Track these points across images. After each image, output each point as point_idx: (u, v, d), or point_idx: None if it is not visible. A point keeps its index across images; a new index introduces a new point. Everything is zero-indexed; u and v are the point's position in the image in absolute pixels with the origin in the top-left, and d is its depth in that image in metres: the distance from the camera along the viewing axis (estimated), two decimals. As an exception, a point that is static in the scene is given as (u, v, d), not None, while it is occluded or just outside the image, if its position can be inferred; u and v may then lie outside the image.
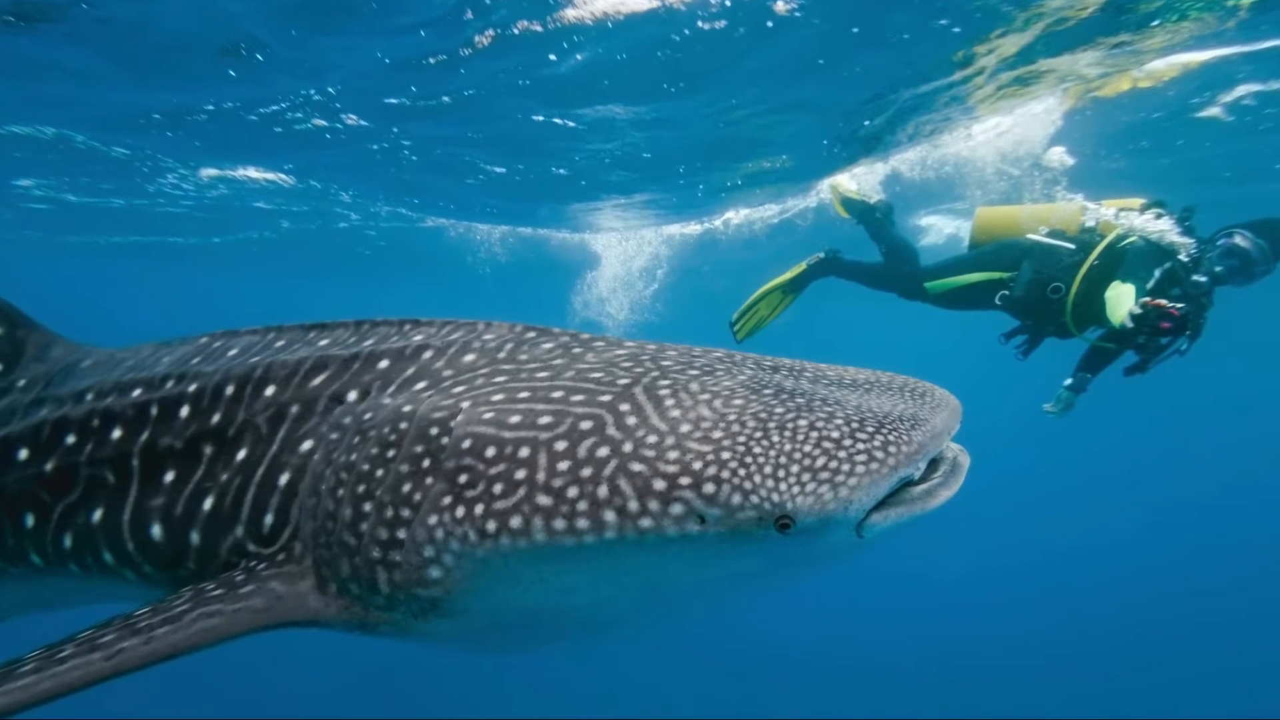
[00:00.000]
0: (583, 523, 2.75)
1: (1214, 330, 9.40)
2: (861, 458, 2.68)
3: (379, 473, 3.09)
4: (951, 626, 26.26)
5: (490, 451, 2.93)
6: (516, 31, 10.85)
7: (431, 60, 11.81)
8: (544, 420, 2.96)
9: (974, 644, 24.84)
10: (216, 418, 3.58)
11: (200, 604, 3.01)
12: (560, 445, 2.87)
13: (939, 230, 24.12)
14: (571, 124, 14.79)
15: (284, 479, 3.34)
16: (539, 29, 10.81)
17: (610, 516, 2.73)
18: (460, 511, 2.88)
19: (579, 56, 11.65)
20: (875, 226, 11.98)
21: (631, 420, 2.89)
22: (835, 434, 2.74)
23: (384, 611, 3.12)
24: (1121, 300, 8.92)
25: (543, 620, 3.22)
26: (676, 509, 2.68)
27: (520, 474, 2.85)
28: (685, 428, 2.82)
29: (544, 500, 2.79)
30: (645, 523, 2.71)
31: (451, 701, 19.24)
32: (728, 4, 10.31)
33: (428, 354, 3.50)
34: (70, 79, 12.29)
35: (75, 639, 2.91)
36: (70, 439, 3.80)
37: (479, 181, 19.16)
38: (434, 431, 3.07)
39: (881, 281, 11.81)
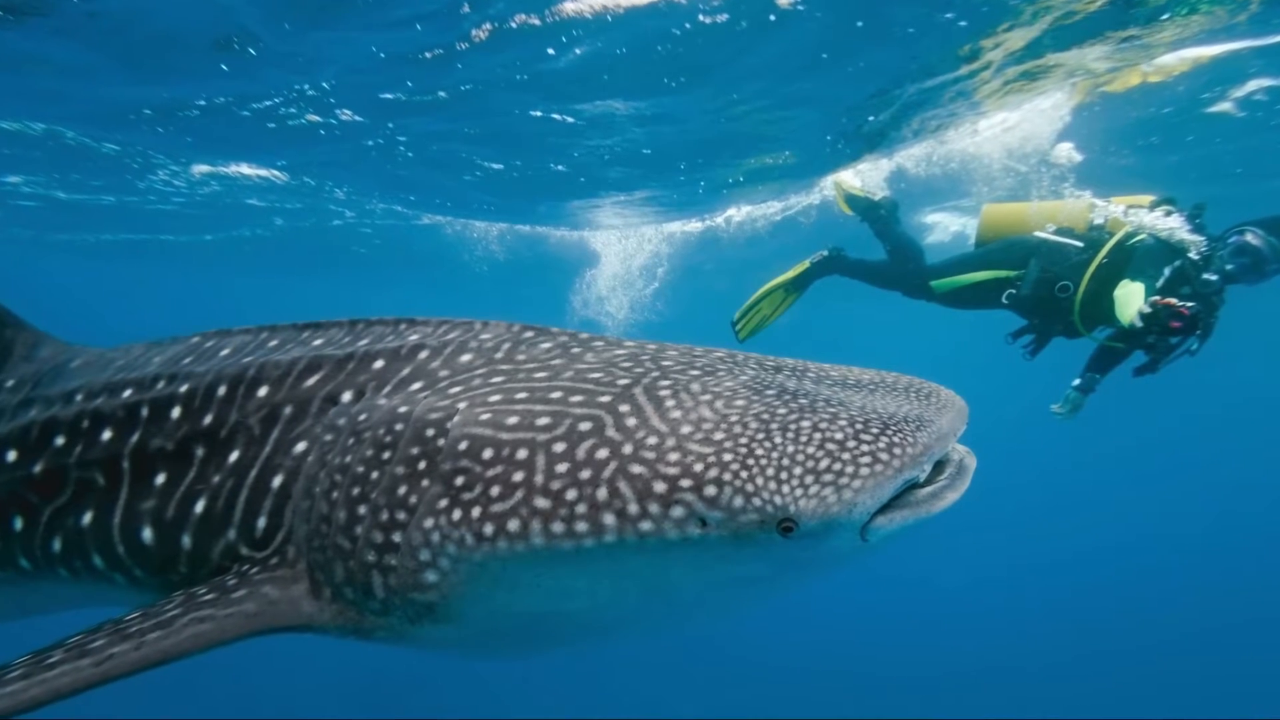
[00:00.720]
0: (581, 526, 2.72)
1: (1225, 329, 9.33)
2: (866, 459, 2.66)
3: (374, 475, 3.05)
4: (957, 631, 26.34)
5: (487, 453, 2.90)
6: (514, 25, 10.73)
7: (428, 55, 11.68)
8: (542, 421, 2.93)
9: (980, 649, 24.90)
10: (208, 419, 3.54)
11: (192, 609, 2.98)
12: (559, 447, 2.84)
13: (945, 228, 24.01)
14: (570, 119, 14.67)
15: (277, 481, 3.31)
16: (537, 23, 10.69)
17: (609, 519, 2.70)
18: (457, 514, 2.84)
19: (578, 51, 11.53)
20: (880, 224, 11.94)
21: (631, 421, 2.86)
22: (839, 435, 2.72)
23: (379, 616, 3.09)
24: (1131, 299, 8.87)
25: (541, 625, 3.18)
26: (677, 511, 2.66)
27: (518, 476, 2.82)
28: (686, 429, 2.80)
29: (542, 503, 2.76)
30: (645, 526, 2.68)
31: (448, 704, 19.14)
32: (730, -3, 10.20)
33: (424, 354, 3.48)
34: (59, 74, 12.20)
35: (64, 644, 2.87)
36: (59, 440, 3.77)
37: (476, 178, 19.05)
38: (430, 433, 3.03)
39: (886, 280, 11.75)
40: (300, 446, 3.32)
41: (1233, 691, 22.77)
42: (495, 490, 2.82)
